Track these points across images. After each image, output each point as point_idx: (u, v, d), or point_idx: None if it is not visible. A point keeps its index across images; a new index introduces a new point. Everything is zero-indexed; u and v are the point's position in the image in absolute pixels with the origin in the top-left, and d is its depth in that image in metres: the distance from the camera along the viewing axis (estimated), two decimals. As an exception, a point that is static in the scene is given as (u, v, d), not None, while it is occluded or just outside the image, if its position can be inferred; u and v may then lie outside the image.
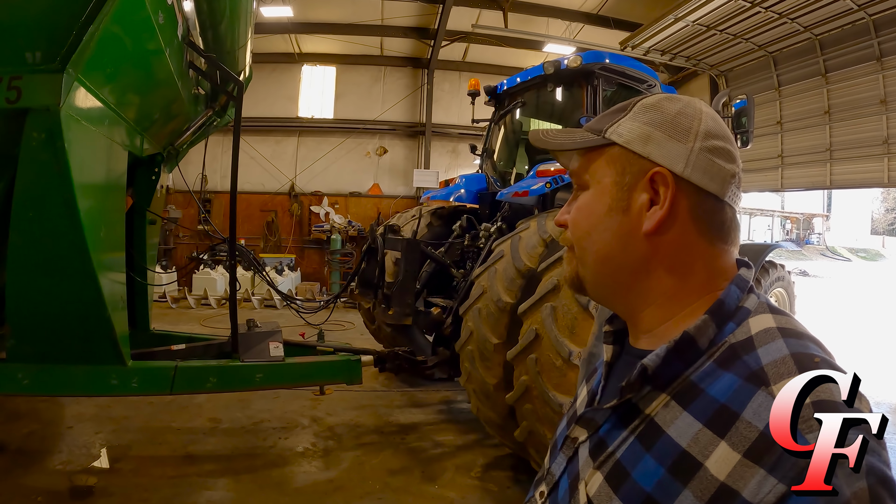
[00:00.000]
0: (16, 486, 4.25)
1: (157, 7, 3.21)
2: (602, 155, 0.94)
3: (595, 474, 0.86)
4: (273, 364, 4.57)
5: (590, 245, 0.94)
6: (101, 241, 3.52)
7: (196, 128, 5.59)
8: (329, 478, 4.66)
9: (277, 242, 16.47)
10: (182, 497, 4.15)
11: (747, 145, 5.54)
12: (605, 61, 5.43)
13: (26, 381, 3.74)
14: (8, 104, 2.80)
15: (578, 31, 14.29)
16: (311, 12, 14.44)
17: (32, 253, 3.35)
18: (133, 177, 5.36)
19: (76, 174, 3.07)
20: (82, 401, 5.97)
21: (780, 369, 0.72)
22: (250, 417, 5.91)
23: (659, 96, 0.93)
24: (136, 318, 5.59)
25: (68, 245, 3.28)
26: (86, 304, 3.56)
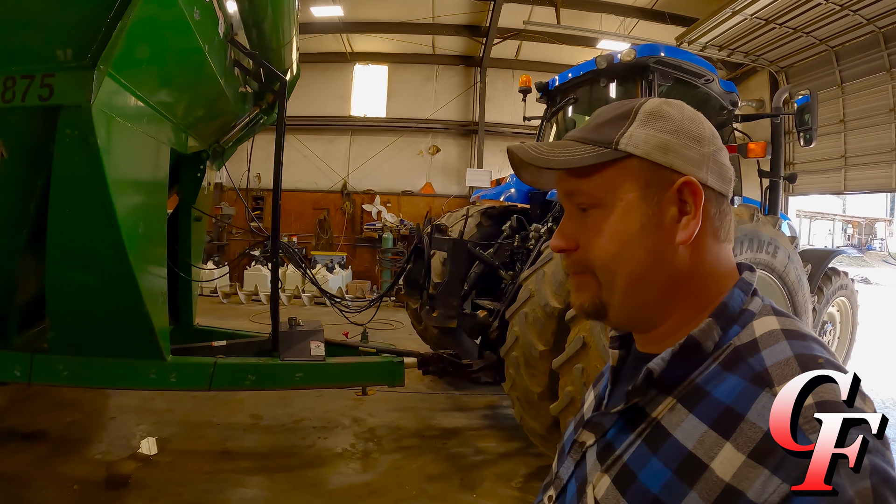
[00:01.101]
0: (53, 473, 4.35)
1: (191, 3, 3.22)
2: (617, 168, 0.89)
3: (603, 477, 0.87)
4: (313, 364, 4.54)
5: (621, 267, 0.89)
6: (139, 237, 3.57)
7: (243, 125, 5.62)
8: (365, 481, 4.60)
9: (329, 240, 16.61)
10: (215, 493, 4.17)
11: (811, 143, 5.34)
12: (660, 54, 5.19)
13: (66, 372, 3.86)
14: (41, 101, 2.86)
15: (633, 26, 13.91)
16: (361, 11, 14.48)
17: (70, 248, 3.43)
18: (179, 174, 5.44)
19: (111, 170, 3.12)
20: (126, 392, 6.09)
21: (784, 370, 0.73)
22: (291, 415, 5.92)
23: (656, 101, 0.92)
24: (180, 314, 5.70)
25: (105, 240, 3.33)
26: (124, 298, 3.61)
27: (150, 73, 3.41)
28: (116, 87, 3.05)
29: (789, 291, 4.72)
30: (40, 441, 4.99)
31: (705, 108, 5.48)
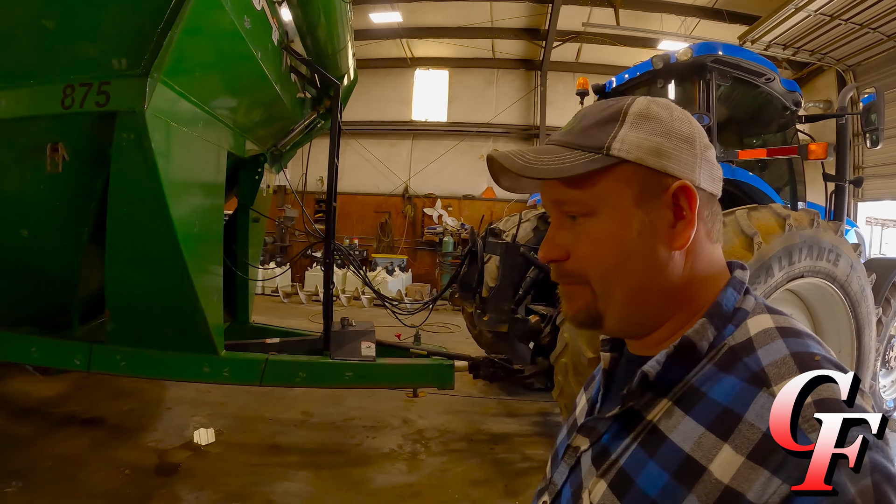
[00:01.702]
0: (107, 457, 4.59)
1: (241, 12, 3.36)
2: (608, 175, 0.86)
3: (599, 482, 0.85)
4: (363, 363, 4.62)
5: (619, 277, 0.87)
6: (194, 236, 3.74)
7: (300, 130, 5.77)
8: (409, 482, 4.64)
9: (390, 243, 16.82)
10: (260, 485, 4.29)
11: (877, 145, 5.12)
12: (718, 53, 5.01)
13: (123, 362, 4.09)
14: (98, 108, 3.05)
15: (694, 26, 13.58)
16: (420, 17, 14.66)
17: (128, 245, 3.62)
18: (237, 177, 5.64)
19: (165, 172, 3.28)
20: (182, 384, 6.29)
21: (781, 369, 0.72)
22: (342, 414, 6.02)
23: (644, 102, 0.88)
24: (236, 311, 5.90)
25: (160, 238, 3.50)
26: (179, 295, 3.78)
27: (203, 79, 3.57)
28: (170, 94, 3.21)
29: (851, 302, 4.51)
30: (97, 427, 5.27)
31: (767, 109, 5.41)
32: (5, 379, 6.33)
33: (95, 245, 3.79)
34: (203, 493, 4.13)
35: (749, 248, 3.58)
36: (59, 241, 3.90)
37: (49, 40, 3.07)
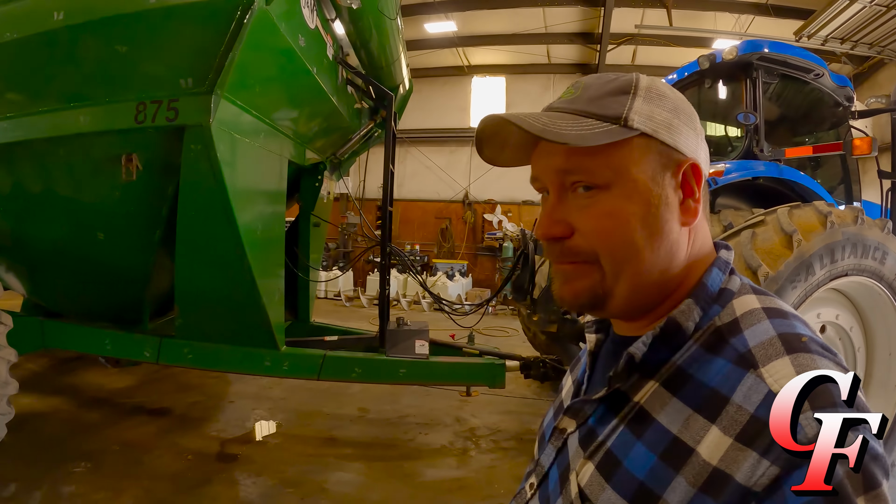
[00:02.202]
0: (172, 444, 4.94)
1: (296, 32, 3.63)
2: (626, 146, 0.83)
3: (586, 464, 0.84)
4: (417, 361, 4.77)
5: (634, 254, 0.84)
6: (257, 239, 4.03)
7: (358, 139, 6.05)
8: (456, 476, 4.77)
9: (451, 249, 17.03)
10: (314, 473, 4.54)
11: None
12: (763, 50, 4.93)
13: (190, 355, 4.40)
14: (168, 122, 3.37)
15: (749, 23, 13.23)
16: (474, 25, 14.80)
17: (196, 246, 3.93)
18: (299, 184, 5.95)
19: (230, 179, 3.58)
20: (245, 380, 6.72)
21: (768, 350, 0.72)
22: (397, 411, 6.22)
23: (646, 77, 0.87)
24: (298, 310, 6.22)
25: (226, 241, 3.79)
26: (243, 293, 4.06)
27: (263, 94, 3.86)
28: (232, 108, 3.51)
29: (901, 302, 4.39)
30: (164, 416, 5.66)
31: (819, 106, 5.32)
32: (79, 371, 6.86)
33: (166, 247, 4.11)
34: (260, 478, 4.40)
35: (788, 246, 3.55)
36: (133, 243, 4.23)
37: (122, 64, 3.39)
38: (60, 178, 4.02)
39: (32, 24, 3.37)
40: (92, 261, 4.42)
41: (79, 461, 4.48)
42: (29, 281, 5.10)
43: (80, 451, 4.65)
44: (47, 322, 4.82)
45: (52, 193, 4.11)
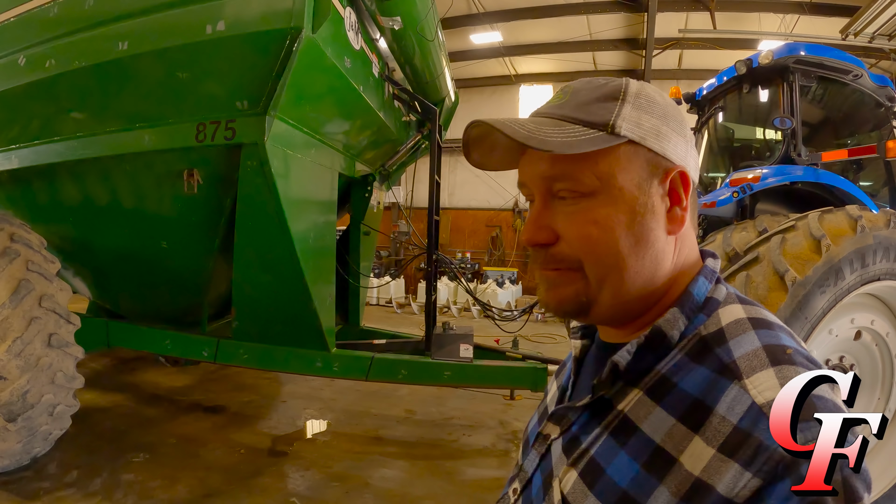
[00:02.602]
0: (226, 438, 5.27)
1: (341, 54, 3.87)
2: (613, 154, 0.82)
3: (569, 471, 0.84)
4: (461, 364, 4.88)
5: (619, 262, 0.83)
6: (309, 247, 4.28)
7: (406, 151, 6.29)
8: (497, 476, 4.88)
9: (501, 256, 17.19)
10: (359, 469, 4.76)
11: None
12: (799, 53, 4.84)
13: (246, 356, 4.67)
14: (226, 141, 3.68)
15: (794, 23, 12.95)
16: (519, 35, 14.91)
17: (252, 253, 4.21)
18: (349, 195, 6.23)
19: (284, 192, 3.85)
20: (298, 381, 7.03)
21: (753, 362, 0.71)
22: (442, 413, 6.38)
23: (637, 83, 0.87)
24: (349, 315, 6.47)
25: (280, 248, 4.06)
26: (296, 297, 4.32)
27: (313, 113, 4.13)
28: (285, 127, 3.79)
29: (939, 308, 4.25)
30: (219, 413, 6.00)
31: (861, 107, 5.24)
32: (139, 371, 7.33)
33: (224, 254, 4.43)
34: (308, 472, 4.66)
35: (817, 251, 3.49)
36: (194, 250, 4.57)
37: (183, 88, 3.72)
38: (126, 191, 4.42)
39: (99, 53, 3.74)
40: (156, 267, 4.81)
41: (137, 452, 4.83)
42: (95, 285, 5.58)
43: (138, 443, 5.01)
44: (112, 323, 5.18)
45: (118, 205, 4.51)
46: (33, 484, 4.25)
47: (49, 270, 4.33)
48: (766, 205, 4.81)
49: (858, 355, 3.88)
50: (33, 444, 4.26)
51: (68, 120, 4.20)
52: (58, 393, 4.18)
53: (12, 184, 4.83)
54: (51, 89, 4.03)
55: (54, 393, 4.15)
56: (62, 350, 4.20)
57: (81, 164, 4.31)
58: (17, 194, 4.90)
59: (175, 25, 3.49)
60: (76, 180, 4.53)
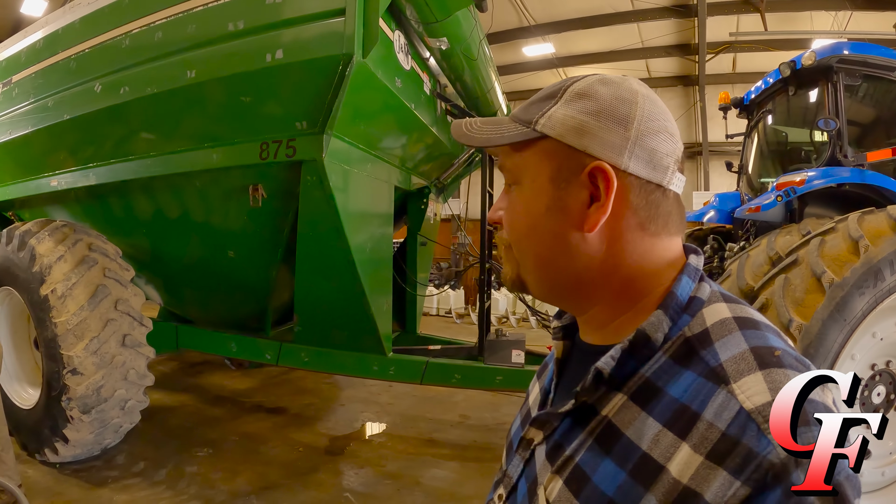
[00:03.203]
0: (286, 437, 5.55)
1: (392, 75, 4.07)
2: (533, 148, 0.87)
3: (554, 479, 0.82)
4: (513, 369, 4.96)
5: (529, 248, 0.89)
6: (366, 256, 4.49)
7: (460, 164, 6.48)
8: None
9: (557, 267, 17.11)
10: (412, 469, 4.95)
11: None
12: (843, 53, 4.79)
13: (307, 359, 4.91)
14: (287, 158, 3.93)
15: (847, 19, 12.62)
16: (572, 45, 14.98)
17: (313, 262, 4.45)
18: (406, 207, 6.46)
19: (342, 205, 4.07)
20: (357, 387, 7.28)
21: (740, 365, 0.70)
22: (496, 419, 6.48)
23: (591, 79, 0.87)
24: (406, 322, 6.69)
25: (339, 258, 4.28)
26: (354, 305, 4.52)
27: (368, 130, 4.35)
28: (341, 144, 4.01)
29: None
30: (280, 414, 6.31)
31: None
32: (206, 374, 7.74)
33: (287, 263, 4.69)
34: (362, 470, 4.89)
35: (855, 252, 3.43)
36: (259, 260, 4.87)
37: (247, 111, 4.00)
38: (196, 205, 4.76)
39: (169, 80, 4.05)
40: (223, 276, 5.14)
41: (201, 447, 5.17)
42: (166, 292, 6.00)
43: (202, 439, 5.35)
44: (181, 327, 5.56)
45: (188, 218, 4.85)
46: (102, 472, 4.62)
47: (124, 277, 4.73)
48: (815, 208, 4.71)
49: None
50: (104, 436, 4.65)
51: (141, 140, 4.57)
52: (129, 389, 4.56)
53: (90, 199, 5.24)
54: (125, 113, 4.39)
55: (126, 389, 4.52)
56: (135, 350, 4.57)
57: (154, 181, 4.66)
58: (94, 208, 5.31)
59: (238, 54, 3.76)
60: (149, 196, 4.90)
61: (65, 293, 4.33)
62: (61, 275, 4.40)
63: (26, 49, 5.13)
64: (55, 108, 4.74)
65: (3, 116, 5.25)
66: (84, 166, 5.00)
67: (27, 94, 4.99)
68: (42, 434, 4.54)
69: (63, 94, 4.68)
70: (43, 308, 4.36)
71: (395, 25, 4.16)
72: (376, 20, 3.52)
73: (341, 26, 3.45)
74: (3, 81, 5.31)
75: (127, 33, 4.27)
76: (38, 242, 4.56)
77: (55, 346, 4.30)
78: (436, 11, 4.11)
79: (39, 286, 4.40)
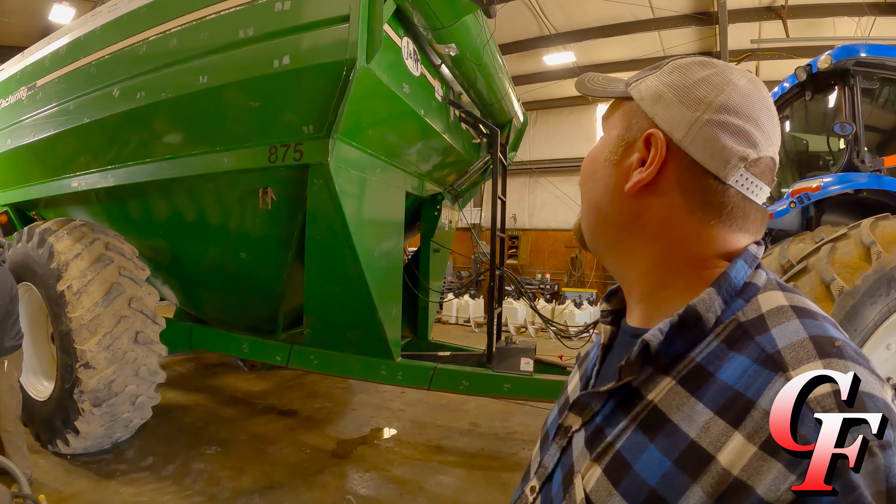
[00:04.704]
0: (295, 438, 5.64)
1: (400, 81, 4.14)
2: (624, 107, 0.90)
3: (593, 467, 0.78)
4: (521, 377, 4.96)
5: (586, 192, 0.93)
6: (374, 261, 4.56)
7: (475, 171, 6.49)
8: None
9: (580, 277, 17.12)
10: (418, 475, 4.97)
11: None
12: (859, 55, 4.65)
13: (316, 361, 4.98)
14: (295, 162, 4.02)
15: (871, 25, 12.34)
16: (593, 54, 14.99)
17: (321, 265, 4.53)
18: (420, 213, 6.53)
19: (348, 208, 4.15)
20: (370, 392, 7.35)
21: (800, 353, 0.66)
22: (506, 427, 6.49)
23: (694, 59, 0.87)
24: (418, 328, 6.73)
25: (346, 260, 4.35)
26: (362, 308, 4.59)
27: (376, 135, 4.42)
28: (348, 148, 4.10)
29: None
30: (291, 417, 6.38)
31: None
32: (221, 375, 7.86)
33: (297, 266, 4.76)
34: (367, 474, 4.94)
35: (867, 259, 3.36)
36: (270, 261, 4.96)
37: (256, 115, 4.10)
38: (210, 207, 4.87)
39: (183, 86, 4.19)
40: (236, 276, 5.24)
41: (210, 445, 5.27)
42: (181, 292, 6.13)
43: (212, 438, 5.45)
44: (195, 327, 5.68)
45: (202, 220, 4.98)
46: (112, 465, 4.75)
47: (139, 276, 4.87)
48: (833, 216, 4.62)
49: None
50: (115, 430, 4.78)
51: (157, 143, 4.71)
52: (140, 385, 4.68)
53: (108, 200, 5.40)
54: (141, 117, 4.53)
55: (137, 384, 4.65)
56: (147, 347, 4.70)
57: (169, 184, 4.80)
58: (112, 209, 5.47)
59: (247, 61, 3.87)
60: (164, 197, 5.04)
61: (80, 289, 4.48)
62: (77, 272, 4.56)
63: (50, 55, 5.33)
64: (76, 112, 4.91)
65: (28, 119, 5.45)
66: (103, 168, 5.16)
67: (50, 98, 5.18)
68: (55, 425, 4.68)
69: (84, 98, 4.85)
70: (59, 303, 4.52)
71: (404, 32, 4.24)
72: (380, 26, 3.59)
73: (345, 33, 3.52)
74: (28, 86, 5.51)
75: (144, 40, 4.42)
76: (57, 240, 4.74)
77: (69, 340, 4.45)
78: (442, 17, 4.19)
79: (56, 282, 4.56)
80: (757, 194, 0.81)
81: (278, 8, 3.72)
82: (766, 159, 0.81)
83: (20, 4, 14.00)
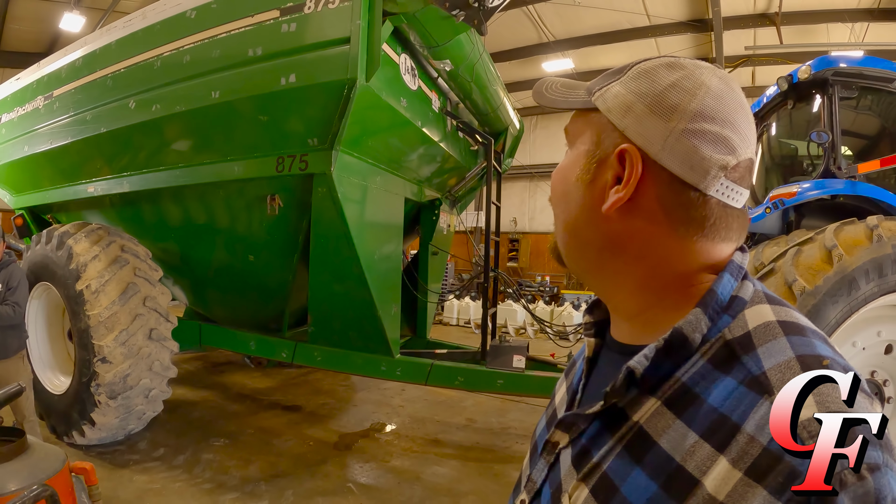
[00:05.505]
0: (298, 432, 5.91)
1: (397, 95, 4.39)
2: (587, 118, 0.85)
3: (580, 486, 0.78)
4: (513, 374, 5.10)
5: (559, 212, 0.89)
6: (374, 263, 4.79)
7: (472, 177, 6.76)
8: None
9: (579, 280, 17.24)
10: (415, 466, 5.23)
11: None
12: (839, 66, 4.79)
13: (319, 358, 5.22)
14: (300, 171, 4.30)
15: (864, 31, 12.64)
16: (591, 61, 15.19)
17: (325, 267, 4.78)
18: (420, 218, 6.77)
19: (350, 214, 4.42)
20: (372, 389, 7.61)
21: (786, 375, 0.65)
22: (501, 423, 6.73)
23: (660, 61, 0.82)
24: (417, 328, 6.98)
25: (348, 262, 4.60)
26: (362, 308, 4.83)
27: (375, 146, 4.68)
28: (350, 158, 4.37)
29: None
30: (295, 412, 6.65)
31: None
32: (228, 373, 8.16)
33: (302, 268, 5.03)
34: (367, 464, 5.20)
35: (828, 262, 3.48)
36: (277, 264, 5.22)
37: (264, 128, 4.36)
38: (220, 213, 5.15)
39: (196, 100, 4.44)
40: (244, 278, 5.51)
41: (219, 437, 5.54)
42: (191, 293, 6.42)
43: (220, 431, 5.72)
44: (204, 325, 5.94)
45: (213, 225, 5.25)
46: (125, 456, 5.01)
47: (153, 277, 5.15)
48: (811, 220, 4.75)
49: (892, 370, 3.83)
50: (129, 422, 5.04)
51: (170, 153, 4.97)
52: (154, 379, 4.95)
53: (123, 205, 5.67)
54: (156, 128, 4.79)
55: (151, 379, 4.92)
56: (160, 343, 4.97)
57: (182, 190, 5.06)
58: (127, 214, 5.74)
59: (256, 78, 4.12)
60: (177, 203, 5.30)
61: (98, 289, 4.74)
62: (95, 272, 4.82)
63: (66, 66, 5.57)
64: (93, 122, 5.17)
65: (45, 127, 5.71)
66: (118, 175, 5.42)
67: (67, 108, 5.43)
68: (71, 417, 4.93)
69: (100, 108, 5.10)
70: (78, 302, 4.78)
71: (402, 49, 4.49)
72: (379, 47, 3.84)
73: (346, 53, 3.78)
74: (44, 95, 5.76)
75: (158, 55, 4.67)
76: (76, 242, 5.00)
77: (87, 336, 4.70)
78: (437, 36, 4.46)
79: (75, 282, 4.82)
80: (737, 200, 0.78)
81: (284, 29, 3.98)
82: (744, 162, 0.78)
83: (31, 12, 14.25)
